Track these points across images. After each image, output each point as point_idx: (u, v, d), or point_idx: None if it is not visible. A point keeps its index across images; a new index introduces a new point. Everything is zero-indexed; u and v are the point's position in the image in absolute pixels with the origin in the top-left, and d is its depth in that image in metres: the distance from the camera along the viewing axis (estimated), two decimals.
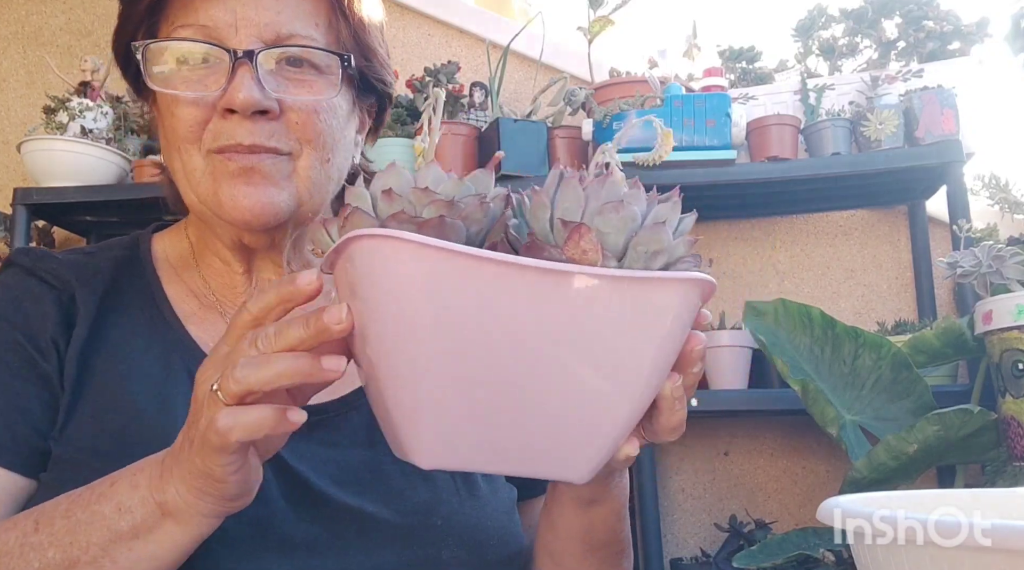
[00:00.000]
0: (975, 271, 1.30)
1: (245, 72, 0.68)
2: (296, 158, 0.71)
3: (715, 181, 1.70)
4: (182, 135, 0.71)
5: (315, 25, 0.72)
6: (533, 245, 0.48)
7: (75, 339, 0.72)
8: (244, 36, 0.69)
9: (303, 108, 0.71)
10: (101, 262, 0.78)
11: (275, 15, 0.70)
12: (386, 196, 0.48)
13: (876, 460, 1.27)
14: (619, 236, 0.48)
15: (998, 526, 0.33)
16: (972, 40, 1.77)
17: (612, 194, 0.48)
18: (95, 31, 2.37)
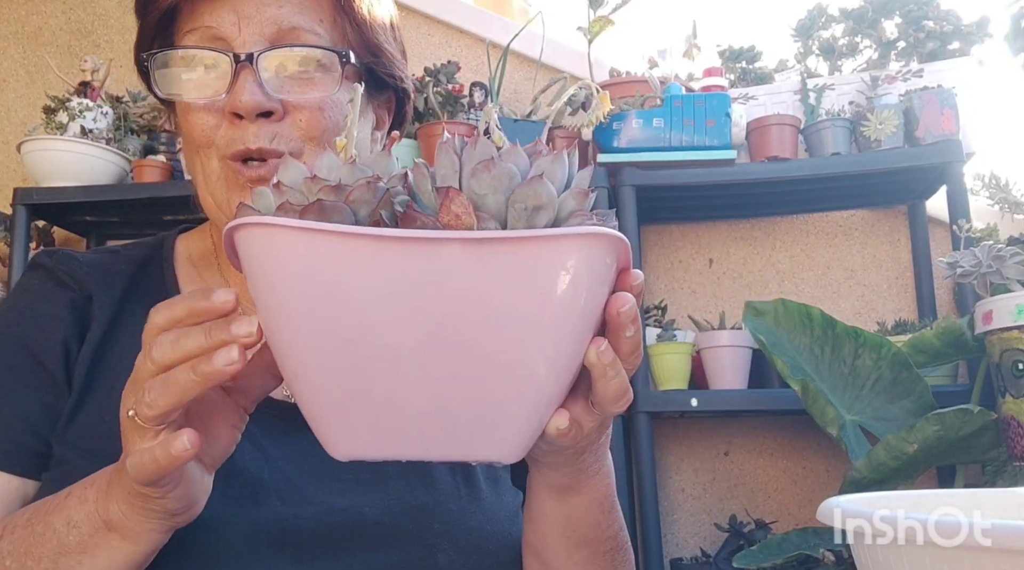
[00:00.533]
0: (975, 271, 1.30)
1: (247, 75, 0.68)
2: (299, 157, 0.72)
3: (715, 181, 1.70)
4: (198, 140, 0.72)
5: (319, 21, 0.72)
6: (406, 216, 0.46)
7: (89, 340, 0.73)
8: (247, 34, 0.70)
9: (307, 106, 0.71)
10: (123, 262, 0.79)
11: (276, 9, 0.70)
12: (276, 189, 0.47)
13: (876, 460, 1.27)
14: (496, 195, 0.45)
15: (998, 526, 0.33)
16: (972, 40, 1.77)
17: (483, 153, 0.46)
18: (95, 31, 2.37)
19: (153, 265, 0.80)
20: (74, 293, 0.75)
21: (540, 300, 0.45)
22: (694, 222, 2.00)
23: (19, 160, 2.05)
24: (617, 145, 1.70)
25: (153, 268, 0.80)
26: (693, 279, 1.99)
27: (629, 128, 1.69)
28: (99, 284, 0.75)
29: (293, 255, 0.45)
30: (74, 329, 0.73)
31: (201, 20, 0.70)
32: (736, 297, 1.94)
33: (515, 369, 0.47)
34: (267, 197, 0.48)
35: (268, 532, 0.66)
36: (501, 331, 0.46)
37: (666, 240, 2.01)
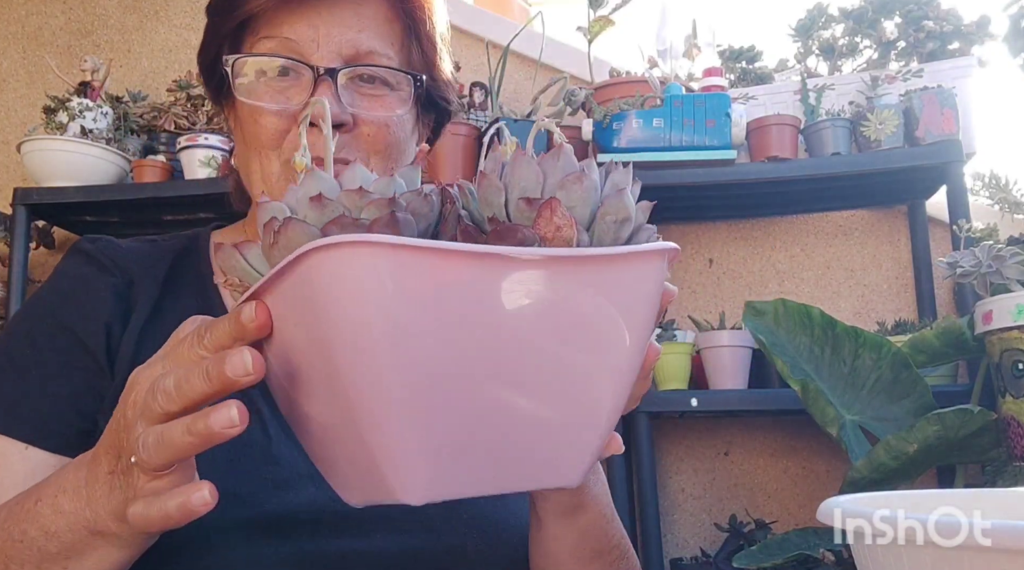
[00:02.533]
0: (975, 271, 1.30)
1: (326, 88, 0.72)
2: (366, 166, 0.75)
3: (715, 181, 1.70)
4: (264, 142, 0.75)
5: (391, 44, 0.76)
6: (504, 229, 0.44)
7: (134, 322, 0.74)
8: (325, 52, 0.73)
9: (375, 122, 0.75)
10: (163, 251, 0.81)
11: (356, 33, 0.74)
12: (315, 202, 0.43)
13: (876, 460, 1.27)
14: (584, 208, 0.45)
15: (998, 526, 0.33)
16: (972, 40, 1.77)
17: (569, 166, 0.46)
18: (95, 31, 2.37)
19: (190, 256, 0.82)
20: (116, 278, 0.77)
21: (632, 311, 0.45)
22: (694, 222, 2.00)
23: (19, 160, 2.05)
24: (617, 145, 1.70)
25: (190, 259, 0.82)
26: (693, 279, 1.99)
27: (629, 128, 1.69)
28: (141, 269, 0.78)
29: (397, 274, 0.39)
30: (118, 312, 0.75)
31: (280, 31, 0.74)
32: (736, 297, 1.94)
33: (591, 393, 0.46)
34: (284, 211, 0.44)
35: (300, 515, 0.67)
36: (589, 344, 0.45)
37: (666, 240, 2.01)
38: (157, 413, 0.45)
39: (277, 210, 0.44)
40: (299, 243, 0.41)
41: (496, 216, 0.46)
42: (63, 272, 0.79)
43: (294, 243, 0.41)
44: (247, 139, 0.77)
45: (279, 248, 0.42)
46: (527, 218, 0.44)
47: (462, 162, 1.80)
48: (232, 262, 0.46)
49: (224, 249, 0.47)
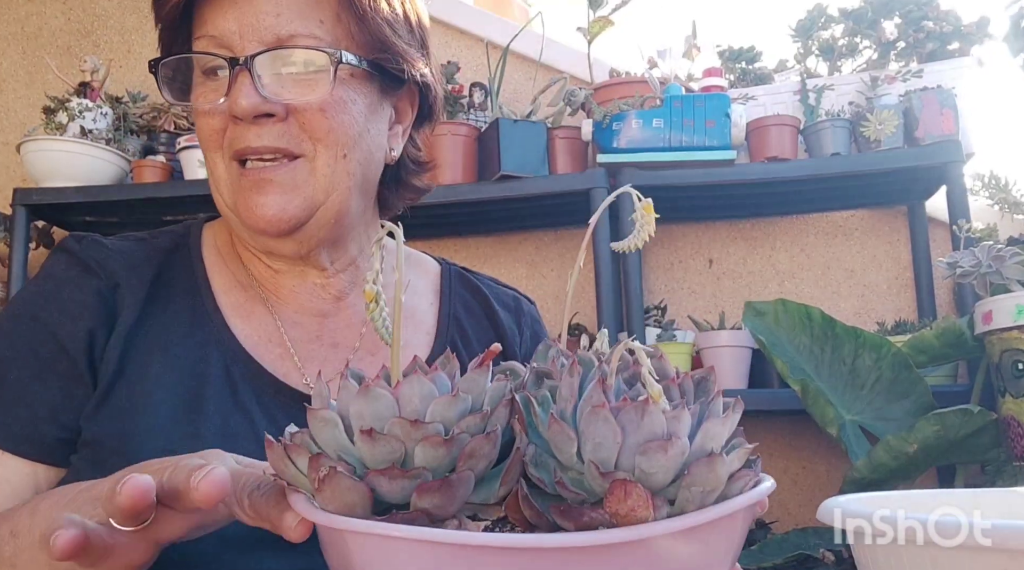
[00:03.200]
0: (975, 271, 1.30)
1: (244, 79, 0.70)
2: (312, 159, 0.72)
3: (715, 181, 1.70)
4: (206, 143, 0.74)
5: (319, 22, 0.72)
6: (569, 510, 0.39)
7: (119, 327, 0.73)
8: (248, 43, 0.71)
9: (308, 108, 0.71)
10: (151, 250, 0.79)
11: (274, 18, 0.71)
12: (367, 437, 0.40)
13: (876, 460, 1.27)
14: (667, 475, 0.39)
15: (998, 526, 0.33)
16: (972, 40, 1.78)
17: (655, 427, 0.39)
18: (95, 31, 2.37)
19: (181, 254, 0.81)
20: (101, 281, 0.75)
21: (718, 564, 0.42)
22: (694, 222, 2.00)
23: (19, 160, 2.05)
24: (617, 145, 1.70)
25: (182, 257, 0.80)
26: (693, 279, 1.99)
27: (629, 128, 1.69)
28: (127, 272, 0.76)
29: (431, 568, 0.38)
30: (101, 317, 0.73)
31: (206, 29, 0.72)
32: (736, 297, 1.94)
33: None
34: (336, 423, 0.42)
35: None
36: None
37: (666, 240, 2.01)
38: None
39: (330, 424, 0.42)
40: (344, 501, 0.40)
41: (565, 473, 0.41)
42: (47, 273, 0.77)
43: (339, 499, 0.40)
44: (200, 144, 0.76)
45: (324, 498, 0.40)
46: (600, 487, 0.39)
47: (462, 162, 1.80)
48: (282, 466, 0.44)
49: (274, 450, 0.44)
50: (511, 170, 1.73)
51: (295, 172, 0.72)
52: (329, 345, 0.81)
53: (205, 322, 0.76)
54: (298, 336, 0.79)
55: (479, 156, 1.83)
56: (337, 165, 0.73)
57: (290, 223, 0.72)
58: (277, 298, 0.80)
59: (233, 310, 0.78)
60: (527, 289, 2.05)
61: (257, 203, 0.71)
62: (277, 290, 0.81)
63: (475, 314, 0.89)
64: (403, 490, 0.39)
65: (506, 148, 1.73)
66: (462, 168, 1.80)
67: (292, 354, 0.78)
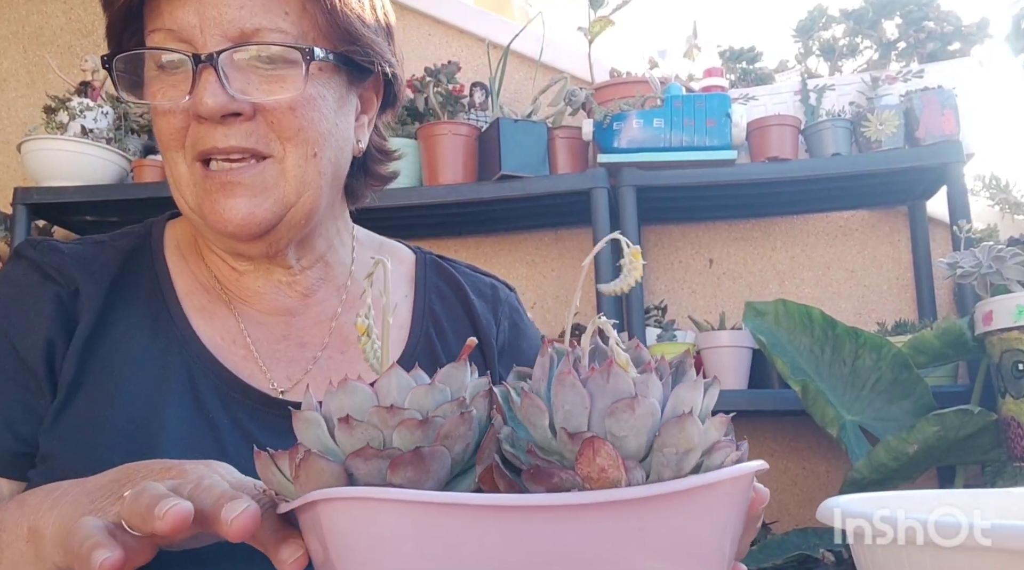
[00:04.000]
0: (975, 271, 1.30)
1: (209, 76, 0.66)
2: (281, 160, 0.70)
3: (715, 181, 1.70)
4: (165, 143, 0.71)
5: (284, 14, 0.69)
6: (537, 472, 0.39)
7: (77, 336, 0.71)
8: (210, 37, 0.67)
9: (276, 107, 0.68)
10: (110, 253, 0.77)
11: (238, 11, 0.67)
12: (344, 424, 0.40)
13: (876, 460, 1.27)
14: (639, 437, 0.39)
15: (998, 526, 0.33)
16: (972, 41, 1.78)
17: (621, 388, 0.39)
18: (95, 31, 2.37)
19: (142, 255, 0.78)
20: (60, 287, 0.72)
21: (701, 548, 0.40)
22: (694, 222, 2.00)
23: (19, 160, 2.05)
24: (617, 145, 1.70)
25: (143, 258, 0.78)
26: (693, 279, 1.99)
27: (629, 128, 1.69)
28: (86, 277, 0.73)
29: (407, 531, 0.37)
30: (59, 325, 0.71)
31: (163, 22, 0.68)
32: (736, 297, 1.94)
33: None
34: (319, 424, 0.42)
35: None
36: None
37: (666, 240, 2.01)
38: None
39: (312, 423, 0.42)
40: (319, 483, 0.39)
41: (537, 443, 0.41)
42: (6, 279, 0.74)
43: (313, 482, 0.39)
44: (158, 143, 0.72)
45: (300, 484, 0.40)
46: (570, 451, 0.39)
47: (462, 162, 1.80)
48: (268, 475, 0.44)
49: (262, 459, 0.44)
50: (511, 170, 1.73)
51: (264, 173, 0.69)
52: (296, 345, 0.78)
53: (168, 327, 0.74)
54: (262, 337, 0.77)
55: (479, 156, 1.83)
56: (308, 164, 0.70)
57: (260, 226, 0.70)
58: (241, 299, 0.78)
59: (196, 312, 0.76)
60: (527, 289, 2.05)
61: (225, 206, 0.68)
62: (241, 291, 0.78)
63: (450, 304, 0.86)
64: (379, 471, 0.39)
65: (506, 148, 1.73)
66: (462, 168, 1.80)
67: (255, 356, 0.76)
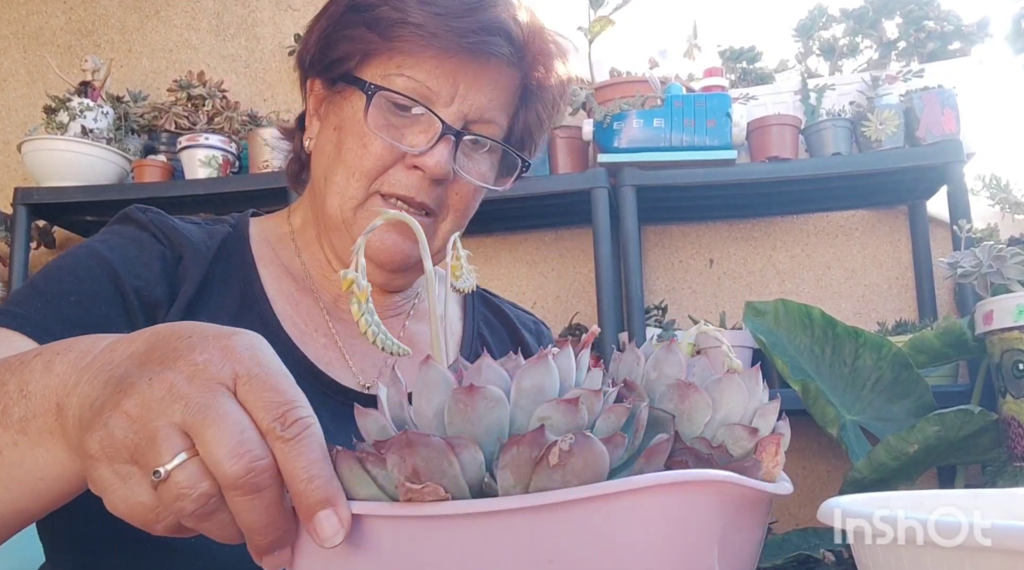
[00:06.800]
0: (976, 271, 1.30)
1: (446, 146, 0.74)
2: (440, 221, 0.79)
3: (715, 181, 1.70)
4: (364, 167, 0.75)
5: (507, 115, 0.80)
6: (750, 465, 0.40)
7: (182, 296, 0.73)
8: (456, 109, 0.75)
9: (468, 184, 0.78)
10: (208, 233, 0.81)
11: (487, 101, 0.77)
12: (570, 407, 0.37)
13: (876, 460, 1.27)
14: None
15: (998, 526, 0.33)
16: (973, 40, 1.78)
17: (758, 391, 0.44)
18: (96, 31, 2.37)
19: (233, 241, 0.82)
20: (166, 249, 0.76)
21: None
22: (694, 222, 2.00)
23: (20, 160, 2.05)
24: (618, 145, 1.70)
25: (234, 243, 0.82)
26: (693, 279, 1.99)
27: (629, 128, 1.69)
28: (189, 248, 0.77)
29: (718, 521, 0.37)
30: (163, 281, 0.73)
31: (419, 75, 0.74)
32: (736, 297, 1.94)
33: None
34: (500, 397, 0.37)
35: None
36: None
37: (666, 240, 2.01)
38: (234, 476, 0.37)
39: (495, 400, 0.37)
40: (597, 470, 0.35)
41: (704, 438, 0.41)
42: (114, 232, 0.77)
43: (591, 470, 0.35)
44: (343, 154, 0.76)
45: (569, 471, 0.35)
46: (742, 445, 0.40)
47: None
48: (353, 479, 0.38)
49: (344, 458, 0.38)
50: None
51: (427, 228, 0.77)
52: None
53: (252, 307, 0.78)
54: (343, 330, 0.82)
55: None
56: (453, 231, 0.78)
57: (404, 265, 0.78)
58: (326, 291, 0.83)
59: (281, 297, 0.80)
60: (527, 289, 2.05)
61: (390, 238, 0.76)
62: (328, 286, 0.83)
63: (497, 333, 0.95)
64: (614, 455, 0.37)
65: None
66: None
67: (338, 344, 0.81)
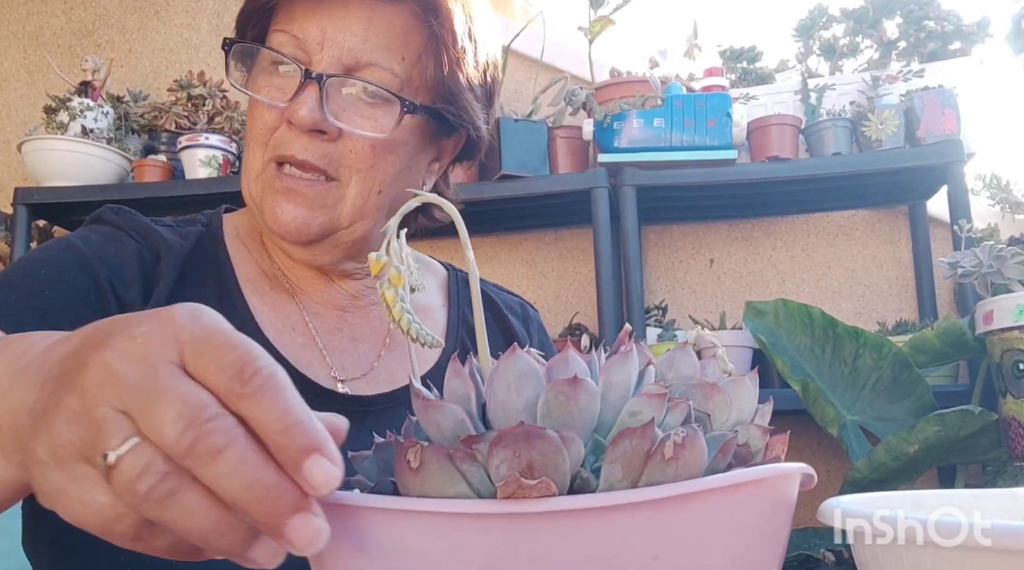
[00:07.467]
0: (976, 271, 1.30)
1: (312, 92, 0.70)
2: (345, 186, 0.73)
3: (716, 181, 1.69)
4: (255, 134, 0.75)
5: (400, 59, 0.73)
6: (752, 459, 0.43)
7: (156, 297, 0.72)
8: (327, 55, 0.71)
9: (360, 139, 0.72)
10: (182, 234, 0.80)
11: (361, 42, 0.72)
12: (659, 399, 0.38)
13: (876, 460, 1.27)
14: None
15: (998, 526, 0.33)
16: (973, 40, 1.77)
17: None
18: (96, 31, 2.37)
19: (207, 241, 0.81)
20: (142, 247, 0.75)
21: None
22: (695, 222, 2.00)
23: (20, 160, 2.05)
24: (618, 145, 1.70)
25: (208, 243, 0.81)
26: (694, 279, 1.99)
27: (630, 128, 1.69)
28: (164, 247, 0.76)
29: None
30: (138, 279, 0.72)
31: (290, 26, 0.73)
32: (736, 297, 1.94)
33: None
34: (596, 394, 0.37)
35: None
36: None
37: (666, 240, 2.01)
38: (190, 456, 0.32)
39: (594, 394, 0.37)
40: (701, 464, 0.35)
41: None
42: (92, 230, 0.76)
43: (698, 464, 0.35)
44: (247, 130, 0.77)
45: (680, 466, 0.35)
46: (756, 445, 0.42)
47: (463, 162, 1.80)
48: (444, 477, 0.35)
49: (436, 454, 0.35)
50: (512, 170, 1.73)
51: (326, 193, 0.73)
52: (350, 339, 0.82)
53: (230, 310, 0.76)
54: (320, 325, 0.81)
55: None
56: (369, 198, 0.74)
57: (309, 237, 0.74)
58: (299, 287, 0.82)
59: (257, 298, 0.79)
60: (527, 289, 2.05)
61: (283, 209, 0.73)
62: (299, 280, 0.82)
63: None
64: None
65: (507, 148, 1.73)
66: (463, 167, 1.79)
67: (317, 343, 0.79)
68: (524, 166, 1.74)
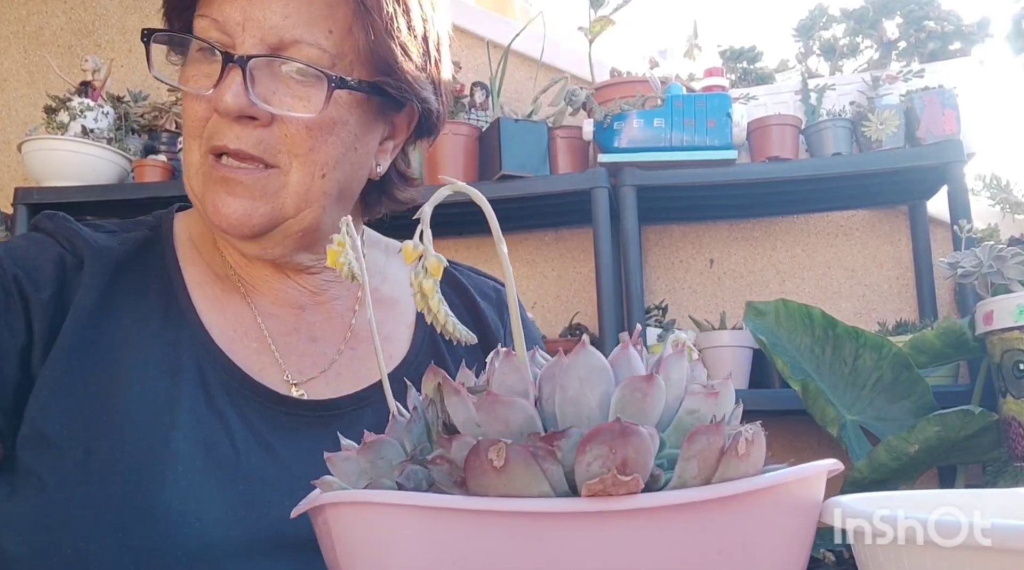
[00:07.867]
0: (976, 271, 1.30)
1: (235, 76, 0.66)
2: (286, 173, 0.70)
3: (716, 181, 1.70)
4: (186, 127, 0.72)
5: (327, 32, 0.68)
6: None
7: (78, 307, 0.69)
8: (249, 37, 0.67)
9: (293, 122, 0.68)
10: (122, 240, 0.77)
11: (282, 19, 0.67)
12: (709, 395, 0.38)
13: (877, 460, 1.27)
14: None
15: (998, 526, 0.33)
16: (973, 40, 1.77)
17: None
18: (96, 31, 2.37)
19: (153, 245, 0.78)
20: (66, 252, 0.73)
21: None
22: (695, 222, 2.00)
23: (20, 160, 2.05)
24: (618, 145, 1.70)
25: (153, 248, 0.77)
26: (694, 279, 1.99)
27: (630, 128, 1.69)
28: (92, 254, 0.73)
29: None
30: (57, 285, 0.70)
31: (211, 10, 0.69)
32: (736, 297, 1.94)
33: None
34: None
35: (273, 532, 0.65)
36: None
37: (667, 240, 2.01)
38: None
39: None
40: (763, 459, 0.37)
41: None
42: (21, 236, 0.76)
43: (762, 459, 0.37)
44: (183, 121, 0.73)
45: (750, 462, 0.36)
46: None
47: (463, 161, 1.80)
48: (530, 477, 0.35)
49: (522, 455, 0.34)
50: (512, 170, 1.73)
51: (267, 182, 0.69)
52: (308, 339, 0.78)
53: (177, 319, 0.73)
54: (275, 328, 0.77)
55: (480, 156, 1.83)
56: (313, 183, 0.70)
57: (253, 229, 0.70)
58: (253, 288, 0.78)
59: (208, 303, 0.75)
60: (527, 289, 2.05)
61: (223, 202, 0.69)
62: (252, 280, 0.78)
63: (455, 307, 0.85)
64: None
65: (507, 148, 1.73)
66: (463, 168, 1.80)
67: (271, 347, 0.75)
68: (524, 166, 1.74)
